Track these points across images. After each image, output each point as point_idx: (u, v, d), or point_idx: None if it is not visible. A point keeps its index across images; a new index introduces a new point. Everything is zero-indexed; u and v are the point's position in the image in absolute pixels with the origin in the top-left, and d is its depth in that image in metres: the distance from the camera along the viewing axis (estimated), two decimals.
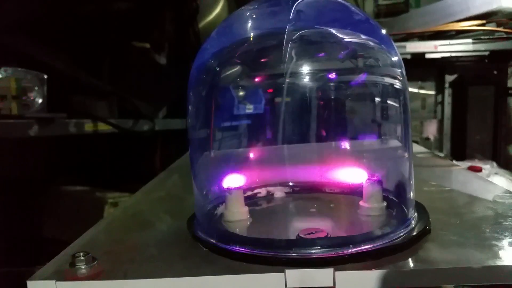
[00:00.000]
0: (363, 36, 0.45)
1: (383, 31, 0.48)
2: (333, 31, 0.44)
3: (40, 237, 1.15)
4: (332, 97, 0.50)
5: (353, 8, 0.48)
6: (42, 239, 1.14)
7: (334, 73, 0.47)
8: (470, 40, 1.30)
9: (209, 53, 0.47)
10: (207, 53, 0.47)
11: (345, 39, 0.45)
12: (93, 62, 1.35)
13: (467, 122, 1.60)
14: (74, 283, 0.36)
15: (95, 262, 0.38)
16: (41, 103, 1.10)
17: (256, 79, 0.49)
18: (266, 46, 0.46)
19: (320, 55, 0.46)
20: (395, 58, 0.46)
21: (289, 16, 0.42)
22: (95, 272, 0.37)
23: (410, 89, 1.64)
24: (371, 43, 0.46)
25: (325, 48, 0.46)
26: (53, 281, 0.36)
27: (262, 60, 0.47)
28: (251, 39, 0.46)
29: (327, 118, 0.51)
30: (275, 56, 0.45)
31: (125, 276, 0.37)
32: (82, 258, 0.38)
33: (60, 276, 0.37)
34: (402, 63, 0.47)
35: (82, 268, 0.38)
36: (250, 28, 0.47)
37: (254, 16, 0.48)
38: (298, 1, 0.44)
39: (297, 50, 0.43)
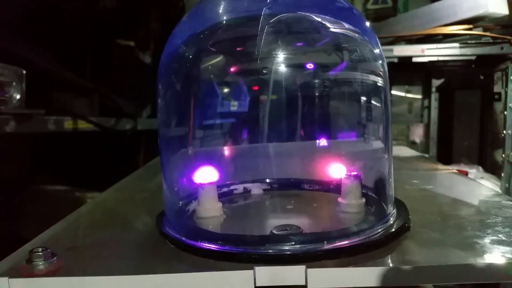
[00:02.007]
0: (344, 24, 0.43)
1: (367, 23, 0.46)
2: (313, 17, 0.42)
3: (16, 236, 1.12)
4: (309, 91, 0.47)
5: None
6: (19, 238, 1.11)
7: (312, 65, 0.45)
8: (457, 45, 1.30)
9: (180, 39, 0.44)
10: (177, 39, 0.44)
11: (325, 26, 0.43)
12: (75, 59, 1.32)
13: (453, 127, 1.60)
14: (29, 280, 0.34)
15: (55, 258, 0.36)
16: (19, 99, 1.07)
17: (230, 71, 0.46)
18: (241, 32, 0.44)
19: (298, 44, 0.44)
20: (376, 50, 0.44)
21: (266, 0, 0.40)
22: (53, 269, 0.35)
23: (397, 93, 1.64)
24: (352, 32, 0.44)
25: (304, 35, 0.43)
26: (6, 278, 0.33)
27: (236, 49, 0.45)
28: (224, 24, 0.44)
29: (306, 112, 0.49)
30: (250, 44, 0.42)
31: (85, 273, 0.34)
32: (40, 253, 0.36)
33: (15, 272, 0.34)
34: (383, 55, 0.45)
35: (40, 264, 0.35)
36: (223, 12, 0.44)
37: None
38: None
39: (273, 38, 0.41)
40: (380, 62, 0.45)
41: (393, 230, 0.38)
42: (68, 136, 1.14)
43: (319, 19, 0.43)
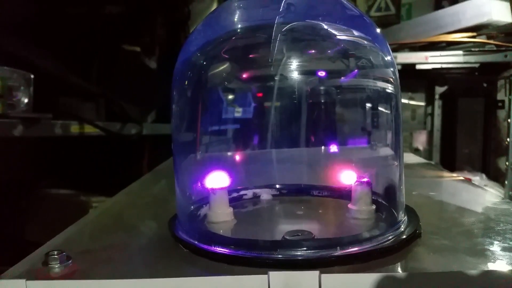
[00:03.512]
0: (356, 32, 0.44)
1: (378, 30, 0.46)
2: (324, 25, 0.43)
3: (22, 240, 1.12)
4: (321, 98, 0.48)
5: (346, 2, 0.46)
6: (25, 242, 1.11)
7: (324, 72, 0.46)
8: (460, 52, 1.31)
9: (195, 47, 0.45)
10: (192, 46, 0.45)
11: (337, 34, 0.44)
12: (82, 64, 1.33)
13: (456, 134, 1.61)
14: (45, 283, 0.34)
15: (70, 261, 0.37)
16: (27, 103, 1.08)
17: (243, 77, 0.47)
18: (254, 40, 0.45)
19: (310, 51, 0.45)
20: (388, 58, 0.45)
21: (279, 9, 0.41)
22: (69, 272, 0.35)
23: None
24: (363, 39, 0.45)
25: (315, 43, 0.44)
26: (23, 280, 0.34)
27: (249, 56, 0.45)
28: (239, 32, 0.44)
29: (317, 119, 0.50)
30: (263, 52, 0.43)
31: (101, 276, 0.35)
32: (56, 256, 0.36)
33: (31, 275, 0.35)
34: (395, 62, 0.46)
35: (56, 267, 0.36)
36: (237, 21, 0.45)
37: (242, 8, 0.46)
38: None
39: (286, 46, 0.41)
40: (392, 69, 0.45)
41: (405, 236, 0.39)
42: (74, 140, 1.15)
43: (331, 27, 0.43)
